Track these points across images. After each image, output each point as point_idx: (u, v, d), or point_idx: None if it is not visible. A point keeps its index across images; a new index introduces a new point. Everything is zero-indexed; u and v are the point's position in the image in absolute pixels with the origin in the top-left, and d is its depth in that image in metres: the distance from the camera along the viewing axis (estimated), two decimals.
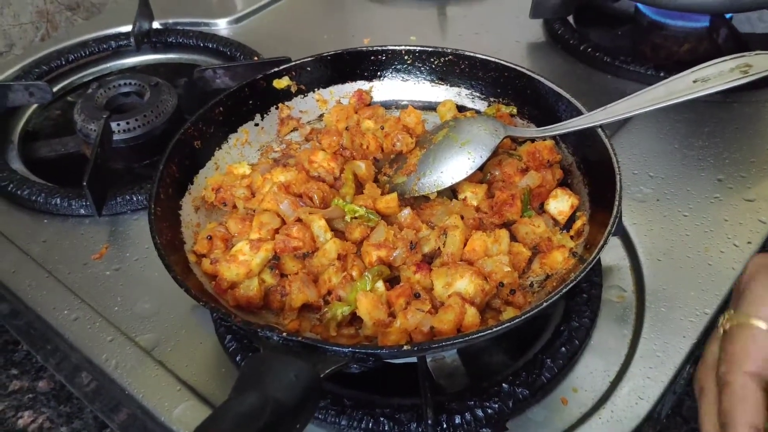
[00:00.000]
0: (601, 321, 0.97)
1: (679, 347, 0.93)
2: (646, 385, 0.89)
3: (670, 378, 0.90)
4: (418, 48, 1.15)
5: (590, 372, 0.92)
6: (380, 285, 0.86)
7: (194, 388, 0.92)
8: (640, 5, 1.51)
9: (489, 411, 0.85)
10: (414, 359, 0.87)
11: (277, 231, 0.92)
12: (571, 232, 0.95)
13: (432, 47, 1.15)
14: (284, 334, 0.74)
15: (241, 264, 0.87)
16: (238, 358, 0.92)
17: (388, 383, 0.91)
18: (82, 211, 1.17)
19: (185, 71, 1.50)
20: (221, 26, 1.64)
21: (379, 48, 1.15)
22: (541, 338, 0.95)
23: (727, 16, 1.44)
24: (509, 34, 1.55)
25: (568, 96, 1.01)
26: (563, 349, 0.91)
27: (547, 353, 0.91)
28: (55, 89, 1.49)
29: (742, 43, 1.48)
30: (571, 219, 0.97)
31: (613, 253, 1.05)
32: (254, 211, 0.97)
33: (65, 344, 1.01)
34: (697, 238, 1.06)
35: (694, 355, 0.96)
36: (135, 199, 1.17)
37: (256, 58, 1.44)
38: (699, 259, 1.03)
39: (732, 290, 0.98)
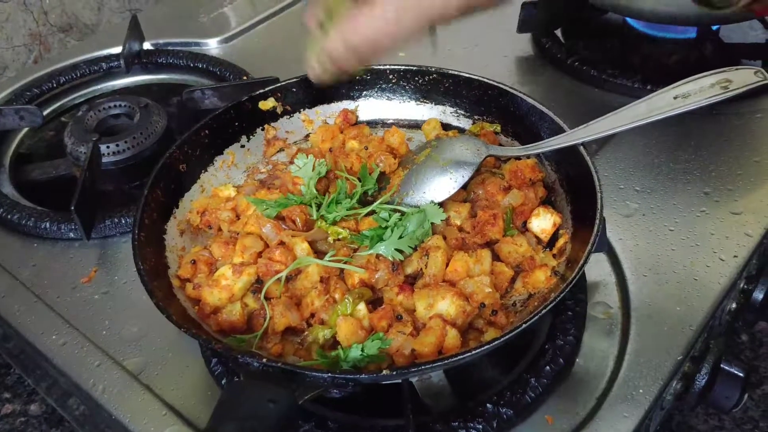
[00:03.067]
0: (587, 338, 0.97)
1: (664, 363, 0.93)
2: (631, 403, 0.89)
3: (655, 395, 0.90)
4: (403, 67, 1.16)
5: (576, 390, 0.92)
6: (362, 307, 0.86)
7: (180, 412, 0.92)
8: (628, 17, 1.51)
9: None
10: (399, 380, 0.88)
11: (260, 254, 0.93)
12: (554, 251, 0.95)
13: (416, 66, 1.15)
14: (264, 360, 0.74)
15: (224, 288, 0.88)
16: (223, 382, 0.92)
17: (374, 404, 0.92)
18: (72, 235, 1.17)
19: (178, 91, 1.51)
20: (212, 46, 1.65)
21: (364, 67, 1.16)
22: (527, 356, 0.95)
23: (714, 27, 1.45)
24: (498, 48, 1.55)
25: (550, 113, 1.01)
26: (548, 367, 0.91)
27: (532, 372, 0.91)
28: (46, 112, 1.50)
29: (730, 54, 1.49)
30: (555, 237, 0.97)
31: (599, 269, 1.05)
32: (239, 234, 0.97)
33: (54, 369, 1.02)
34: (683, 252, 1.06)
35: (680, 371, 0.96)
36: (124, 221, 1.17)
37: (245, 78, 1.45)
38: (685, 274, 1.03)
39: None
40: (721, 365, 1.00)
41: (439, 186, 0.98)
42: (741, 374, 0.99)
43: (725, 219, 1.11)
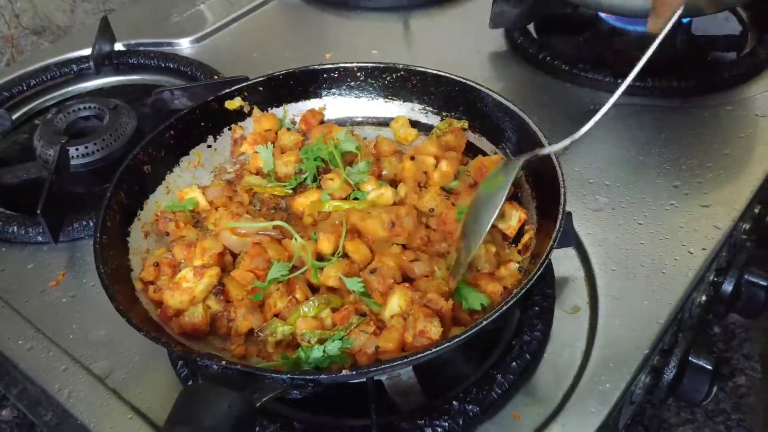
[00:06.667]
0: (555, 333, 0.97)
1: (632, 358, 0.93)
2: (598, 398, 0.89)
3: (622, 390, 0.90)
4: (371, 64, 1.15)
5: (543, 385, 0.91)
6: (326, 314, 0.86)
7: (146, 415, 0.92)
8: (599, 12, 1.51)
9: (439, 430, 0.85)
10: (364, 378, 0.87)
11: (221, 255, 0.92)
12: (519, 246, 0.95)
13: (384, 63, 1.15)
14: (222, 362, 0.74)
15: (185, 291, 0.87)
16: (190, 384, 0.92)
17: (342, 404, 0.91)
18: (40, 239, 1.16)
19: (151, 92, 1.49)
20: (184, 46, 1.64)
21: (331, 66, 1.15)
22: (494, 353, 0.95)
23: (685, 20, 1.44)
24: (471, 44, 1.55)
25: (515, 108, 1.01)
26: (514, 363, 0.91)
27: (499, 368, 0.90)
28: (17, 115, 1.50)
29: (701, 47, 1.49)
30: (520, 233, 0.97)
31: (567, 264, 1.05)
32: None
33: (21, 375, 1.01)
34: (652, 246, 1.06)
35: (649, 365, 0.96)
36: (92, 224, 1.16)
37: (216, 77, 1.44)
38: (653, 268, 1.03)
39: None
40: (690, 358, 1.00)
41: None
42: (709, 367, 1.00)
43: (694, 212, 1.11)
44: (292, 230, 0.93)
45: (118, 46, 1.60)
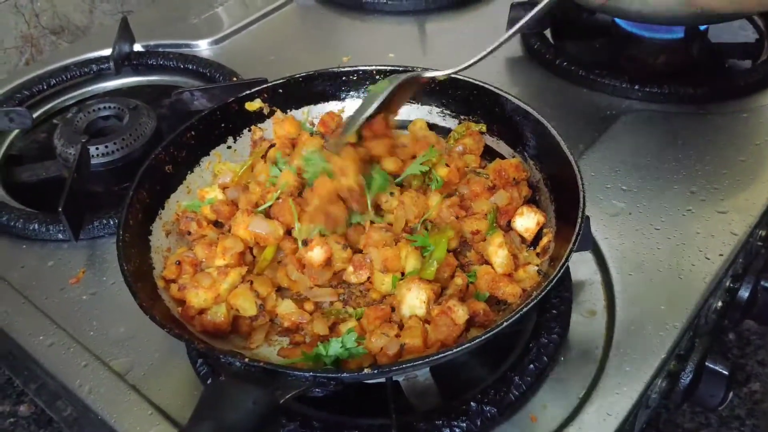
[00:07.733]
0: (572, 336, 0.97)
1: (648, 362, 0.93)
2: (614, 401, 0.89)
3: (638, 394, 0.90)
4: (389, 67, 1.16)
5: (560, 388, 0.92)
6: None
7: (166, 412, 0.93)
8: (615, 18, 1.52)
9: (457, 430, 0.85)
10: (383, 379, 0.88)
11: (241, 254, 0.93)
12: (538, 249, 0.96)
13: (402, 66, 1.15)
14: (246, 359, 0.75)
15: (209, 289, 0.88)
16: (209, 382, 0.93)
17: (360, 403, 0.92)
18: (60, 236, 1.18)
19: (169, 93, 1.50)
20: (203, 47, 1.65)
21: (350, 68, 1.16)
22: (512, 355, 0.96)
23: (702, 27, 1.45)
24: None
25: (533, 112, 1.02)
26: (532, 366, 0.91)
27: (516, 370, 0.91)
28: (36, 114, 1.51)
29: (718, 54, 1.49)
30: (539, 236, 0.98)
31: (584, 268, 1.06)
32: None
33: (41, 370, 1.02)
34: (669, 251, 1.07)
35: (665, 370, 0.96)
36: (112, 222, 1.18)
37: (234, 79, 1.46)
38: (670, 273, 1.04)
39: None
40: (706, 363, 1.00)
41: None
42: (725, 372, 1.00)
43: (711, 218, 1.11)
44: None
45: (137, 47, 1.62)
